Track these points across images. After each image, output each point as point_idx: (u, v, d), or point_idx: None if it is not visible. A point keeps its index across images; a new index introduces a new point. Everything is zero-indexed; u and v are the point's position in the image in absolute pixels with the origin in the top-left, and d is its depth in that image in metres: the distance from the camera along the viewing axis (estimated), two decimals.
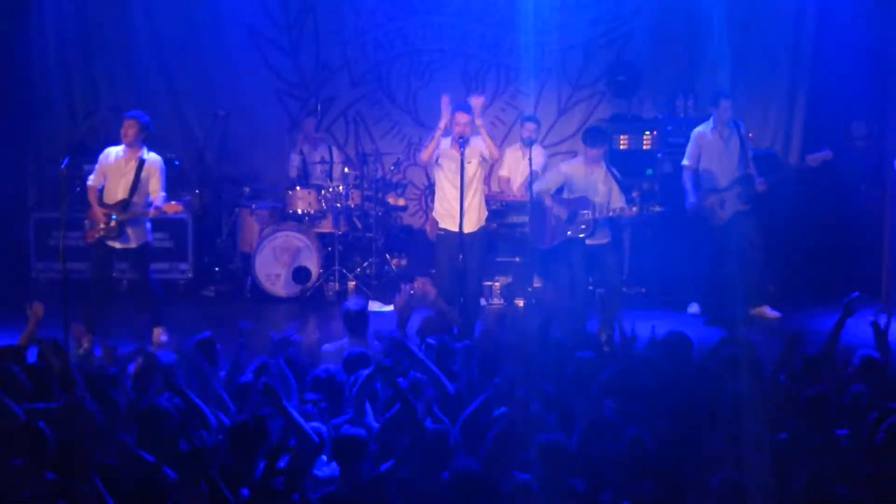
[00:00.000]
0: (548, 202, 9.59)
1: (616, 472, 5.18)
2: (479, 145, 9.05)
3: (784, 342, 6.78)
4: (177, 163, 11.80)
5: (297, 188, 11.38)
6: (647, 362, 6.81)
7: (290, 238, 11.14)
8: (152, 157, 9.39)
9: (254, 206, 11.62)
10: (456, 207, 8.88)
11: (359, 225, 11.75)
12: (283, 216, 11.50)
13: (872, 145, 11.50)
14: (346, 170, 11.72)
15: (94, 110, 12.13)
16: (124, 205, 9.26)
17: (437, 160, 9.09)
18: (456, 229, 8.90)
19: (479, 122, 8.95)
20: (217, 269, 11.76)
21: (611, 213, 9.49)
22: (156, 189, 9.34)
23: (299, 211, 11.33)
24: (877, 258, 11.22)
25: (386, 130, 12.52)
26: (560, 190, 9.67)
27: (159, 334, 9.39)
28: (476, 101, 9.04)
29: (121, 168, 9.31)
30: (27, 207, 11.46)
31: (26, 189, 11.77)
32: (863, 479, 5.16)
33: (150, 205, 9.31)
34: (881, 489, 5.09)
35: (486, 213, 9.34)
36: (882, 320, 6.87)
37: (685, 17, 11.99)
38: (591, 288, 10.58)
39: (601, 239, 9.59)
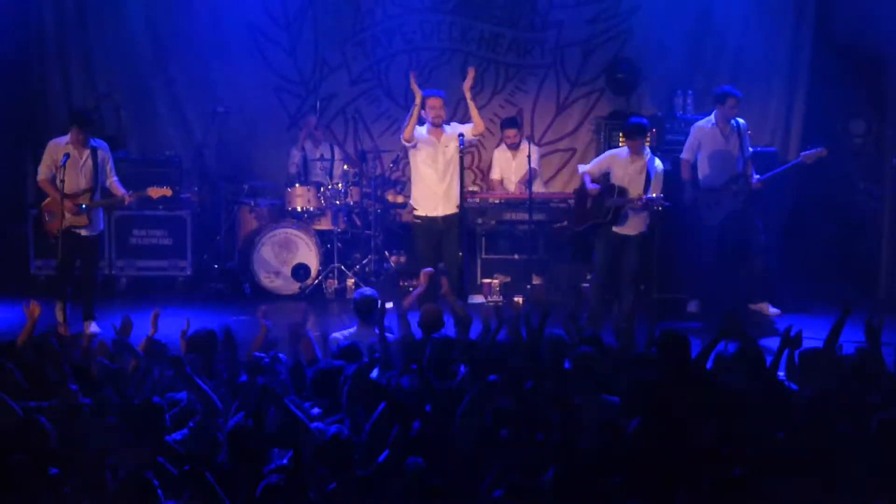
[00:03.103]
0: (588, 184, 9.73)
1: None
2: (457, 129, 9.47)
3: (782, 340, 6.80)
4: (176, 159, 11.82)
5: (297, 185, 11.39)
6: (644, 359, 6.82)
7: (289, 235, 11.15)
8: (100, 143, 9.71)
9: (253, 204, 11.62)
10: (435, 192, 9.30)
11: (358, 222, 11.76)
12: (282, 213, 11.50)
13: (871, 143, 11.50)
14: (345, 167, 11.72)
15: (93, 107, 12.10)
16: (92, 193, 9.48)
17: (415, 145, 9.43)
18: (435, 214, 9.35)
19: (468, 93, 9.46)
20: (216, 266, 11.76)
21: (633, 204, 9.53)
22: (110, 174, 9.65)
23: (298, 208, 11.34)
24: (875, 255, 11.24)
25: (385, 128, 12.51)
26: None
27: (89, 326, 9.59)
28: (470, 72, 9.65)
29: (76, 159, 9.46)
30: (26, 204, 11.45)
31: (25, 186, 11.76)
32: (861, 474, 5.18)
33: (106, 190, 9.67)
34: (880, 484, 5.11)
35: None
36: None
37: (684, 15, 12.01)
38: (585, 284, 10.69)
39: (629, 230, 9.65)
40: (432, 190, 9.35)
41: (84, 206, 9.42)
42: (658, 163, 9.71)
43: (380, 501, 5.14)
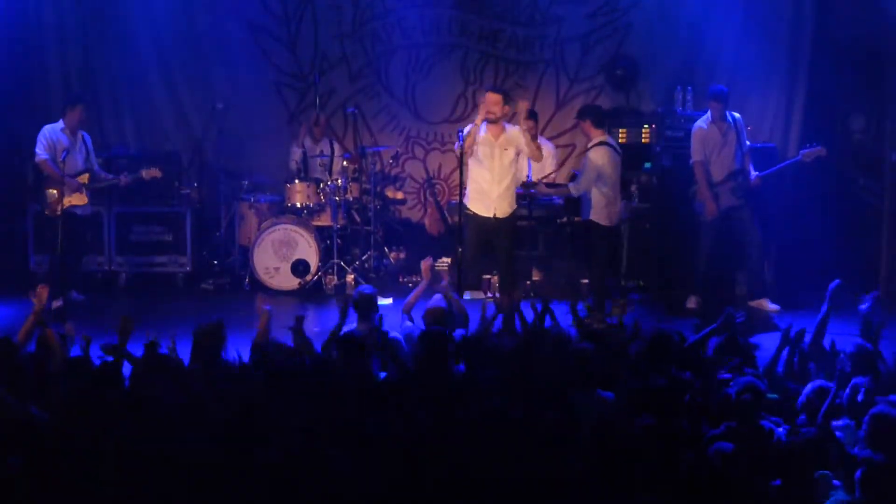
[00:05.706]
0: None
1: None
2: (519, 139, 9.17)
3: (782, 339, 6.82)
4: (175, 155, 11.83)
5: (296, 181, 11.38)
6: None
7: (288, 231, 11.16)
8: (82, 131, 10.41)
9: (252, 200, 11.63)
10: (489, 192, 9.09)
11: (357, 218, 11.75)
12: (281, 209, 11.51)
13: (870, 138, 11.50)
14: (344, 163, 11.72)
15: (93, 103, 12.10)
16: (91, 174, 10.27)
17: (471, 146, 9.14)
18: (487, 214, 9.12)
19: (523, 126, 9.16)
20: (215, 262, 11.77)
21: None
22: (94, 160, 10.48)
23: (298, 204, 11.34)
24: (875, 251, 11.24)
25: (384, 124, 12.52)
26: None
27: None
28: (523, 105, 9.29)
29: (72, 142, 10.16)
30: (25, 200, 11.45)
31: (25, 183, 11.75)
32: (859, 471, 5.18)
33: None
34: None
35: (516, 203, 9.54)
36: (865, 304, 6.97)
37: (683, 10, 11.98)
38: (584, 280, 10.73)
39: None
40: (485, 190, 9.10)
41: (85, 185, 10.09)
42: (591, 152, 9.75)
43: None
